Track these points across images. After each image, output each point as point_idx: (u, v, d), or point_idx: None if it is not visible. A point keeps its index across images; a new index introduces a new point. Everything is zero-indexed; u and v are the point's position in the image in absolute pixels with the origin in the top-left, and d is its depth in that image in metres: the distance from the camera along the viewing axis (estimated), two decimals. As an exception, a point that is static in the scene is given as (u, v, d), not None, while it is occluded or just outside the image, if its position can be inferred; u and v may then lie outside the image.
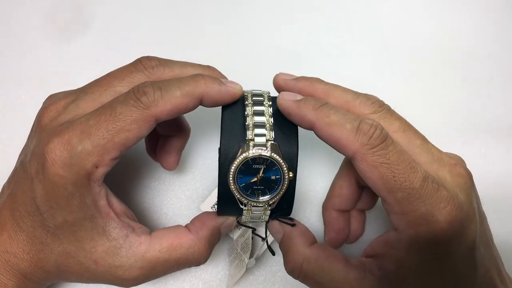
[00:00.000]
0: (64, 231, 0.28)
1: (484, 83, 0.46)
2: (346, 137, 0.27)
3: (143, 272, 0.29)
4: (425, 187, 0.26)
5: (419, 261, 0.27)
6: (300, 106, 0.28)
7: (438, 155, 0.29)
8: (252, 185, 0.29)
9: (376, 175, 0.26)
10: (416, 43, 0.48)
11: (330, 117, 0.27)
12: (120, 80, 0.30)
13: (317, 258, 0.29)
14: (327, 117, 0.27)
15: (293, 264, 0.30)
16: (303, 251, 0.30)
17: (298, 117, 0.28)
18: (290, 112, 0.29)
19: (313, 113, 0.28)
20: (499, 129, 0.44)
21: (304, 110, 0.28)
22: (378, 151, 0.26)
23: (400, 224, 0.27)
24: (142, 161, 0.40)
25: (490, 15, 0.49)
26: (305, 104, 0.28)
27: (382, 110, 0.30)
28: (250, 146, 0.28)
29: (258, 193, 0.29)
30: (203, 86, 0.29)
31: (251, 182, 0.29)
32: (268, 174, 0.29)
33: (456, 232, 0.26)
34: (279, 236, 0.32)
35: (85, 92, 0.30)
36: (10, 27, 0.47)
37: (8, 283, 0.29)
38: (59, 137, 0.27)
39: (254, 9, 0.49)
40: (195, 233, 0.31)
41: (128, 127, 0.27)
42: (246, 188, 0.29)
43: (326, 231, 0.36)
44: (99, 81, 0.31)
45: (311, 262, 0.29)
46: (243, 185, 0.29)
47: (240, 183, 0.29)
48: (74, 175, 0.27)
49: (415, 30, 0.49)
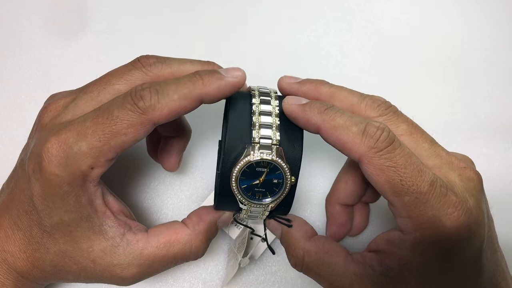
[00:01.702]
0: (60, 230, 0.28)
1: (484, 83, 0.46)
2: (352, 140, 0.26)
3: (141, 270, 0.29)
4: (433, 191, 0.26)
5: (423, 262, 0.27)
6: (305, 110, 0.28)
7: (447, 158, 0.29)
8: (254, 187, 0.29)
9: (383, 178, 0.26)
10: (416, 43, 0.48)
11: (335, 120, 0.27)
12: (118, 78, 0.30)
13: (317, 251, 0.30)
14: (332, 120, 0.27)
15: (295, 257, 0.30)
16: (303, 244, 0.30)
17: (304, 120, 0.28)
18: (295, 116, 0.29)
19: (318, 116, 0.28)
20: (499, 129, 0.44)
21: (309, 114, 0.28)
22: (385, 154, 0.26)
23: (406, 227, 0.27)
24: (142, 161, 0.40)
25: (490, 15, 0.49)
26: (311, 108, 0.28)
27: (388, 113, 0.29)
28: (256, 148, 0.28)
29: (259, 195, 0.29)
30: (201, 86, 0.28)
31: (252, 184, 0.29)
32: (270, 177, 0.29)
33: (463, 237, 0.26)
34: (278, 232, 0.32)
35: (84, 91, 0.30)
36: (10, 27, 0.47)
37: (6, 282, 0.29)
38: (56, 136, 0.27)
39: (254, 9, 0.49)
40: (192, 227, 0.31)
41: (125, 131, 0.27)
42: (247, 190, 0.29)
43: (328, 224, 0.36)
44: (98, 80, 0.30)
45: (312, 255, 0.30)
46: (245, 186, 0.29)
47: (242, 185, 0.29)
48: (69, 175, 0.27)
49: (415, 30, 0.49)
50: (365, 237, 0.39)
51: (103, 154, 0.27)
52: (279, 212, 0.31)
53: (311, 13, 0.49)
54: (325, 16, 0.49)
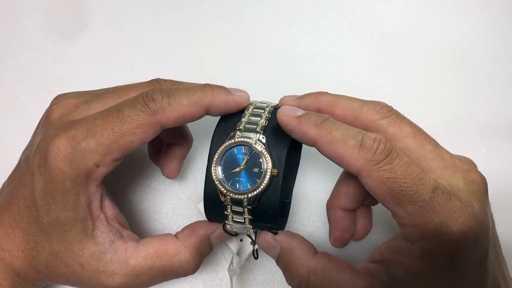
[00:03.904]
0: (55, 229, 0.28)
1: (484, 83, 0.46)
2: (349, 154, 0.26)
3: (126, 280, 0.29)
4: (436, 198, 0.25)
5: (431, 270, 0.26)
6: (301, 122, 0.27)
7: (450, 161, 0.28)
8: (234, 175, 0.28)
9: (383, 190, 0.26)
10: (416, 43, 0.48)
11: (332, 133, 0.26)
12: (136, 92, 0.30)
13: (323, 268, 0.28)
14: (329, 133, 0.27)
15: (299, 277, 0.29)
16: (308, 263, 0.29)
17: (300, 133, 0.28)
18: (290, 129, 0.28)
19: (315, 130, 0.27)
20: (499, 129, 0.44)
21: (305, 127, 0.27)
22: (383, 166, 0.25)
23: (412, 235, 0.26)
24: (143, 161, 0.40)
25: (490, 15, 0.49)
26: (307, 120, 0.27)
27: (391, 115, 0.29)
28: (237, 133, 0.29)
29: (240, 185, 0.28)
30: (210, 96, 0.29)
31: (233, 172, 0.28)
32: (251, 165, 0.28)
33: (471, 242, 0.26)
34: (276, 251, 0.30)
35: (100, 96, 0.30)
36: (10, 27, 0.47)
37: (3, 282, 0.29)
38: (65, 132, 0.27)
39: (254, 9, 0.49)
40: (182, 240, 0.30)
41: (134, 131, 0.27)
42: (228, 178, 0.29)
43: (331, 230, 0.34)
44: (116, 88, 0.31)
45: (318, 274, 0.28)
46: (226, 174, 0.28)
47: (223, 172, 0.29)
48: (74, 171, 0.27)
49: (415, 30, 0.48)
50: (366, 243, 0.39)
51: (110, 153, 0.27)
52: (267, 217, 0.29)
53: (311, 13, 0.49)
54: (325, 16, 0.49)
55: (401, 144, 0.29)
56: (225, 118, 0.31)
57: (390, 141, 0.28)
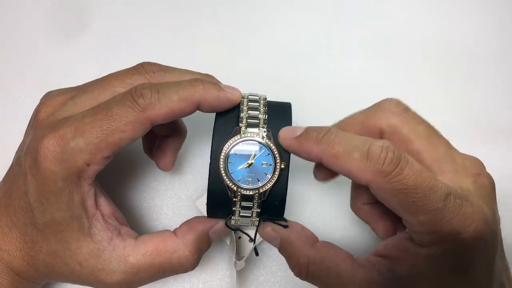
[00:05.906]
0: (52, 229, 0.28)
1: (485, 83, 0.46)
2: (356, 167, 0.25)
3: (125, 277, 0.29)
4: (449, 205, 0.25)
5: (438, 272, 0.26)
6: (301, 142, 0.27)
7: (462, 164, 0.28)
8: (243, 172, 0.28)
9: (395, 201, 0.25)
10: (416, 43, 0.48)
11: (335, 148, 0.26)
12: (120, 81, 0.30)
13: (321, 258, 0.28)
14: (332, 148, 0.26)
15: (299, 267, 0.29)
16: (307, 252, 0.29)
17: (304, 154, 0.27)
18: (293, 151, 0.28)
19: (316, 147, 0.26)
20: (499, 129, 0.44)
21: (307, 146, 0.27)
22: (393, 178, 0.24)
23: (423, 241, 0.26)
24: (142, 161, 0.40)
25: (491, 15, 0.49)
26: (306, 139, 0.27)
27: (405, 113, 0.29)
28: (242, 129, 0.28)
29: (249, 181, 0.28)
30: (201, 92, 0.28)
31: (241, 168, 0.28)
32: (259, 160, 0.28)
33: (481, 247, 0.25)
34: (276, 242, 0.30)
35: (84, 90, 0.30)
36: (10, 26, 0.47)
37: (3, 281, 0.29)
38: (53, 132, 0.27)
39: (254, 10, 0.49)
40: (181, 237, 0.30)
41: (123, 128, 0.27)
42: (236, 176, 0.28)
43: (372, 227, 0.33)
44: (99, 80, 0.30)
45: (317, 263, 0.28)
46: (234, 172, 0.28)
47: (231, 170, 0.28)
48: (64, 170, 0.27)
49: (415, 30, 0.48)
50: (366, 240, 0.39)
51: (100, 151, 0.27)
52: (273, 211, 0.30)
53: (311, 13, 0.49)
54: (325, 15, 0.49)
55: (414, 146, 0.28)
56: (221, 113, 0.30)
57: (403, 143, 0.27)
